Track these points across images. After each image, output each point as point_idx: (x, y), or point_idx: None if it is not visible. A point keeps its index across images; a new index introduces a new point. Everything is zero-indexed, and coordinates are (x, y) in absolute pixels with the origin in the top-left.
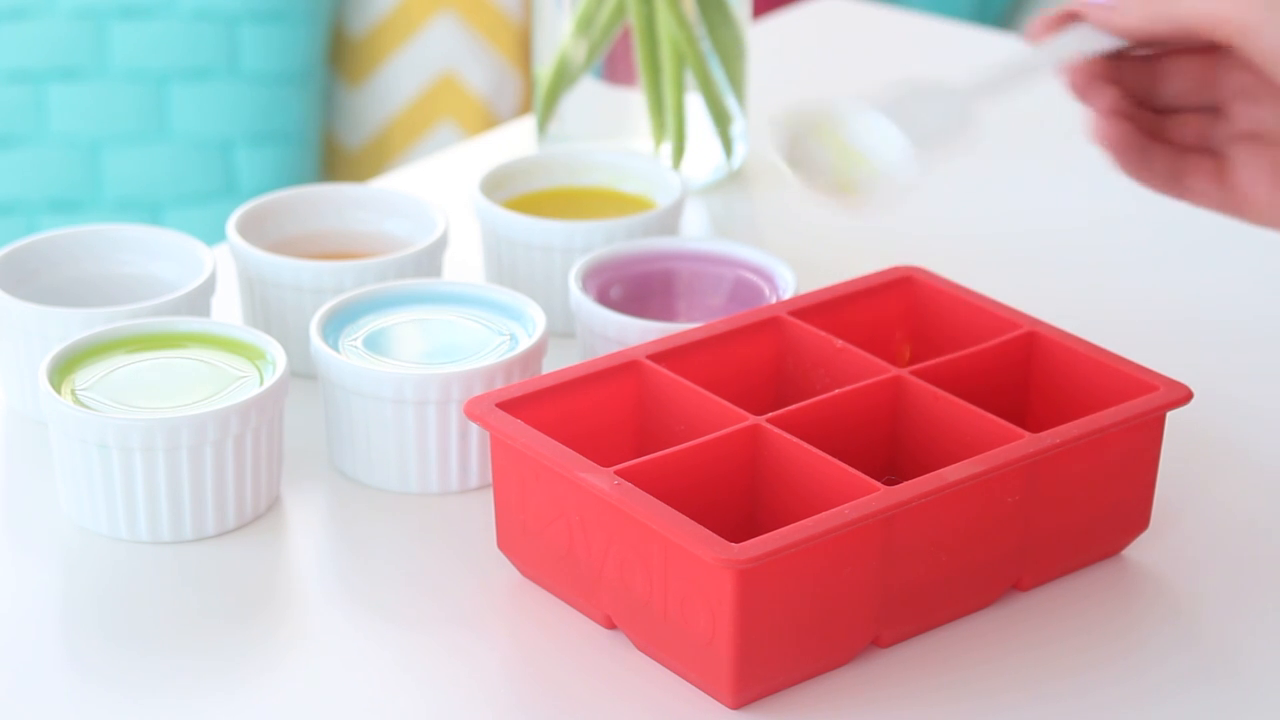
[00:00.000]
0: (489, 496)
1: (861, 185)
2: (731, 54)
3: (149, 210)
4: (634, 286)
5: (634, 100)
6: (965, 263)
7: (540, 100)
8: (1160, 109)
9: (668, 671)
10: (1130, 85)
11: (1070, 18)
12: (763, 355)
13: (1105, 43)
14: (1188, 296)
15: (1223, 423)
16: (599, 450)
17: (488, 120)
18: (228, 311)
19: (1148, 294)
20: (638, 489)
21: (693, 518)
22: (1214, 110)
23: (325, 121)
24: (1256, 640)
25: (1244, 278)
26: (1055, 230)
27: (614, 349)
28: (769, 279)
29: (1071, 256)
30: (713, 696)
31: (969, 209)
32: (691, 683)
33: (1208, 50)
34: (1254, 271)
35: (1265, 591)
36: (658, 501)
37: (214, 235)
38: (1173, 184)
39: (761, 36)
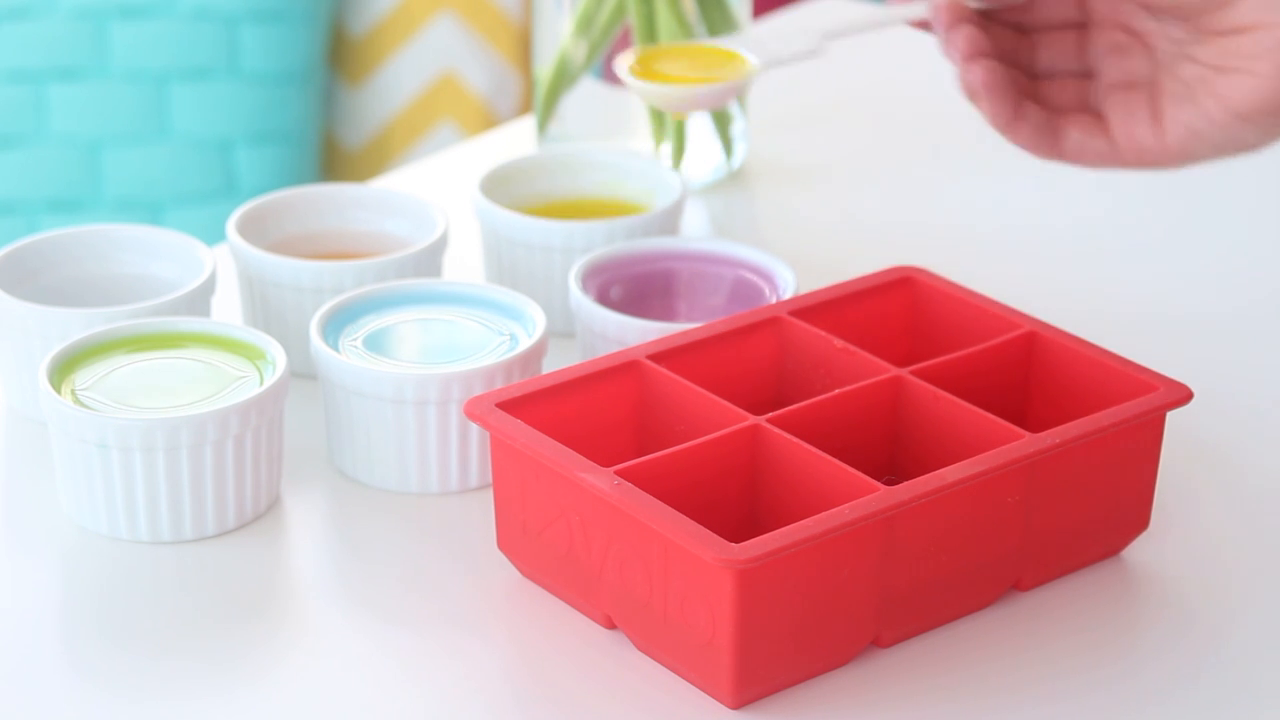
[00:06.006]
0: (489, 496)
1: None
2: None
3: (149, 210)
4: (634, 286)
5: (634, 100)
6: (965, 263)
7: (540, 100)
8: (1034, 76)
9: (668, 671)
10: (1005, 54)
11: None
12: (763, 355)
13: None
14: (1188, 296)
15: (1223, 422)
16: (599, 450)
17: (488, 120)
18: (228, 311)
19: (1148, 294)
20: (638, 489)
21: (693, 518)
22: (1085, 74)
23: (325, 121)
24: (1256, 640)
25: (1245, 278)
26: (1055, 230)
27: (614, 349)
28: (769, 279)
29: (1071, 256)
30: (713, 696)
31: (969, 209)
32: (691, 683)
33: (1077, 23)
34: (1254, 271)
35: (1265, 591)
36: (658, 501)
37: (214, 235)
38: (1047, 140)
39: None
